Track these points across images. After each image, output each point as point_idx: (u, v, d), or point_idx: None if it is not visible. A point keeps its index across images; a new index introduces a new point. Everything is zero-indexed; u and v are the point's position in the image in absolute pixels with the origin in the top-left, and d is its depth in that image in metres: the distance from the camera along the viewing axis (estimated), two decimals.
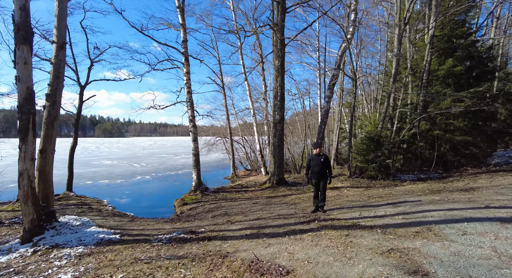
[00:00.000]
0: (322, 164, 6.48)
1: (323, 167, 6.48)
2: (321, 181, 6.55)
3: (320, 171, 6.50)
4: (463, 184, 8.99)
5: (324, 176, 6.54)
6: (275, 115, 11.80)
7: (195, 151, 11.77)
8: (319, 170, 6.50)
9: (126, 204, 12.30)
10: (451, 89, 12.76)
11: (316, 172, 6.58)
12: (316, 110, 28.48)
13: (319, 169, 6.49)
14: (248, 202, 9.45)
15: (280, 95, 11.58)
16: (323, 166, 6.49)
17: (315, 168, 6.62)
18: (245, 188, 12.52)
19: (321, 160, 6.53)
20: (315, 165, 6.63)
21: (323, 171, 6.50)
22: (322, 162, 6.49)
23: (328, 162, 6.56)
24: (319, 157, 6.58)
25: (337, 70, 11.22)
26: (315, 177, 6.65)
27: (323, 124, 11.51)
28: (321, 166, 6.48)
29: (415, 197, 7.33)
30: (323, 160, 6.50)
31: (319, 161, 6.54)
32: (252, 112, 16.56)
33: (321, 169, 6.49)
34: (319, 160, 6.53)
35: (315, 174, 6.62)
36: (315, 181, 6.68)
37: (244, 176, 18.65)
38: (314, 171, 6.65)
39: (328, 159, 6.56)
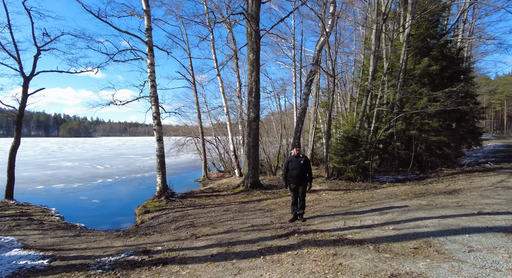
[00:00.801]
0: (302, 167, 5.69)
1: (302, 170, 5.69)
2: (300, 186, 5.75)
3: (299, 174, 5.70)
4: (444, 185, 8.64)
5: (303, 181, 5.74)
6: (249, 113, 10.91)
7: (160, 152, 10.57)
8: (298, 173, 5.70)
9: (79, 212, 10.78)
10: (426, 88, 12.62)
11: (294, 176, 5.77)
12: (291, 110, 28.04)
13: (298, 172, 5.69)
14: (219, 208, 8.46)
15: (255, 91, 10.71)
16: (303, 169, 5.70)
17: (294, 171, 5.80)
18: (217, 192, 11.50)
19: (300, 162, 5.73)
20: (294, 168, 5.82)
21: (303, 174, 5.71)
22: (302, 164, 5.70)
23: (309, 165, 5.78)
24: (298, 159, 5.78)
25: (315, 66, 10.56)
26: (293, 181, 5.85)
27: (300, 123, 10.80)
28: (301, 169, 5.69)
29: (400, 201, 6.77)
30: (303, 162, 5.70)
31: (298, 163, 5.74)
32: (226, 110, 15.55)
33: (301, 173, 5.69)
34: (299, 162, 5.73)
35: (294, 178, 5.82)
36: (294, 186, 5.88)
37: (217, 178, 17.57)
38: (292, 174, 5.83)
39: (309, 161, 5.78)
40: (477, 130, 14.25)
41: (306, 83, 10.65)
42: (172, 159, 28.85)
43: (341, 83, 20.66)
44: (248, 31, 10.76)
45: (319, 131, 20.90)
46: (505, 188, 7.45)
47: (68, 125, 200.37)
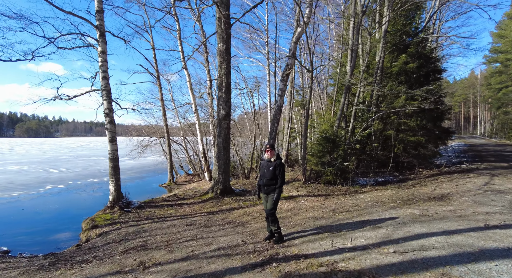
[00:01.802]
0: (271, 174, 4.63)
1: (272, 178, 4.63)
2: (270, 195, 4.69)
3: (267, 182, 4.65)
4: (429, 189, 8.03)
5: (272, 190, 4.67)
6: (219, 110, 9.69)
7: (113, 154, 9.04)
8: (266, 181, 4.66)
9: (10, 229, 8.88)
10: (404, 86, 12.19)
11: (263, 184, 4.74)
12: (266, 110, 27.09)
13: (266, 180, 4.65)
14: (182, 222, 7.17)
15: (225, 86, 9.52)
16: (272, 175, 4.63)
17: (263, 178, 4.76)
18: (182, 200, 10.14)
19: (269, 168, 4.67)
20: (263, 174, 4.77)
21: (272, 182, 4.64)
22: (271, 171, 4.62)
23: (280, 171, 4.64)
24: (269, 164, 4.72)
25: (292, 59, 9.60)
26: (262, 190, 4.79)
27: (276, 122, 9.78)
28: (270, 176, 4.63)
29: (389, 210, 5.94)
30: (272, 168, 4.62)
31: (267, 169, 4.68)
32: (194, 107, 14.16)
33: (269, 180, 4.63)
34: (268, 167, 4.68)
35: (262, 186, 4.77)
36: (263, 196, 4.82)
37: (184, 182, 16.09)
38: (261, 182, 4.80)
39: (281, 166, 4.66)
40: (451, 130, 14.16)
41: (282, 78, 9.66)
42: (138, 161, 26.80)
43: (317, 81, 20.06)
44: (217, 18, 9.54)
45: (294, 131, 20.14)
46: (494, 192, 6.93)
47: (26, 125, 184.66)
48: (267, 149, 4.78)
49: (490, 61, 40.86)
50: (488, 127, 56.03)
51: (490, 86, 42.71)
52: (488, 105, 52.37)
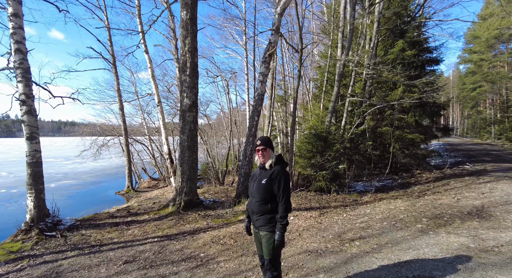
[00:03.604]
0: (264, 191, 2.56)
1: (265, 198, 2.57)
2: (261, 229, 2.64)
3: (257, 207, 2.59)
4: (451, 200, 6.33)
5: (265, 221, 2.58)
6: (183, 99, 7.48)
7: (32, 157, 6.54)
8: (255, 204, 2.61)
9: None
10: (401, 76, 10.62)
11: (251, 210, 2.69)
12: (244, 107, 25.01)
13: (256, 202, 2.61)
14: (122, 255, 4.93)
15: (190, 66, 7.31)
16: (266, 194, 2.57)
17: (250, 198, 2.72)
18: (133, 216, 7.81)
19: (261, 181, 2.60)
20: (251, 191, 2.72)
21: (265, 208, 2.58)
22: (264, 185, 2.57)
23: (282, 185, 2.53)
24: (262, 173, 2.67)
25: (275, 36, 7.58)
26: (252, 219, 2.73)
27: (256, 115, 7.75)
28: (261, 196, 2.58)
29: (420, 236, 4.09)
30: (266, 181, 2.56)
31: (258, 182, 2.62)
32: (157, 99, 11.75)
33: (260, 204, 2.57)
34: (260, 180, 2.62)
35: (251, 213, 2.71)
36: (255, 231, 2.76)
37: (147, 188, 13.61)
38: (249, 201, 2.76)
39: (284, 176, 2.55)
40: (450, 127, 12.87)
41: (264, 59, 7.62)
42: (100, 163, 23.79)
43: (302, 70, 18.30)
44: None
45: (274, 129, 18.25)
46: None
47: None
48: (258, 147, 2.71)
49: (465, 61, 41.51)
50: (460, 127, 57.69)
51: (464, 86, 43.42)
52: (460, 105, 53.78)
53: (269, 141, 2.74)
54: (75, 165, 25.33)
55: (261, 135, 7.77)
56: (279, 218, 2.49)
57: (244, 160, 7.89)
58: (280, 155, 2.76)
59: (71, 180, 17.23)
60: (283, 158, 2.75)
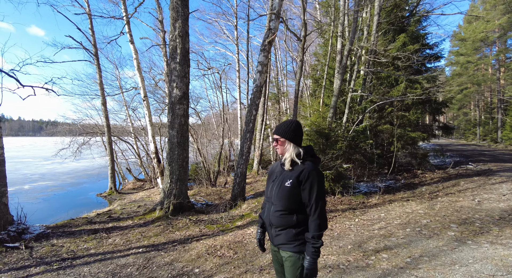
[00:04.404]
0: (289, 195, 1.78)
1: (289, 206, 1.79)
2: (285, 250, 1.87)
3: (277, 217, 1.82)
4: (470, 202, 5.79)
5: (291, 237, 1.82)
6: (172, 90, 6.66)
7: None
8: (275, 212, 1.84)
9: None
10: (405, 72, 10.15)
11: (269, 218, 1.89)
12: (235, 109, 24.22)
13: (276, 211, 1.83)
14: (100, 269, 4.10)
15: (180, 53, 6.50)
16: (291, 200, 1.79)
17: (267, 202, 1.94)
18: (115, 221, 6.90)
19: (284, 183, 1.81)
20: (268, 195, 1.92)
21: (289, 219, 1.80)
22: (288, 188, 1.78)
23: (315, 190, 1.76)
24: (284, 171, 1.88)
25: (276, 21, 6.87)
26: (269, 232, 1.93)
27: (254, 109, 7.01)
28: (284, 203, 1.80)
29: (459, 246, 3.46)
30: (292, 182, 1.77)
31: (279, 183, 1.84)
32: (143, 93, 10.82)
33: (283, 213, 1.80)
34: (282, 179, 1.84)
35: (268, 225, 1.91)
36: (273, 249, 1.97)
37: (132, 190, 12.62)
38: (264, 213, 1.98)
39: (318, 178, 1.79)
40: (451, 126, 12.52)
41: (263, 47, 6.90)
42: (82, 163, 22.45)
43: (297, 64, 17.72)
44: None
45: (268, 128, 17.58)
46: None
47: None
48: (276, 138, 1.99)
49: (452, 63, 42.16)
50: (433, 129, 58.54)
51: (451, 88, 44.07)
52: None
53: (290, 129, 1.94)
54: (54, 165, 23.82)
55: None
56: (310, 237, 1.74)
57: (240, 159, 7.14)
58: (311, 147, 2.00)
59: (48, 181, 15.96)
60: (313, 150, 2.00)
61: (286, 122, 1.99)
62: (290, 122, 1.97)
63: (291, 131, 1.93)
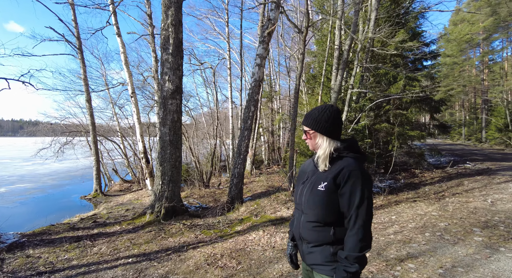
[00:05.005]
0: (324, 203, 1.33)
1: (324, 216, 1.34)
2: (320, 272, 1.37)
3: (312, 227, 1.36)
4: (482, 202, 5.52)
5: (327, 256, 1.36)
6: (164, 83, 6.12)
7: None
8: (309, 224, 1.38)
9: None
10: (404, 69, 9.94)
11: (299, 231, 1.43)
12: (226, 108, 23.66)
13: (307, 222, 1.39)
14: None
15: (173, 43, 5.98)
16: (326, 208, 1.33)
17: (297, 209, 1.47)
18: (101, 227, 6.30)
19: (317, 187, 1.35)
20: (299, 200, 1.46)
21: (325, 232, 1.35)
22: (323, 192, 1.32)
23: (354, 195, 1.31)
24: (317, 172, 1.43)
25: (276, 11, 6.45)
26: (300, 247, 1.45)
27: (253, 104, 6.56)
28: (318, 209, 1.34)
29: (493, 254, 3.11)
30: (328, 185, 1.32)
31: (311, 186, 1.38)
32: (130, 89, 10.18)
33: (317, 224, 1.35)
34: (316, 181, 1.38)
35: (299, 238, 1.44)
36: (305, 268, 1.50)
37: (118, 192, 11.92)
38: (293, 224, 1.49)
39: (358, 181, 1.33)
40: (448, 125, 12.44)
41: (263, 38, 6.46)
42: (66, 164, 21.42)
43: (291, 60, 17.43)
44: None
45: (261, 127, 17.17)
46: None
47: None
48: (305, 130, 1.56)
49: (439, 64, 42.96)
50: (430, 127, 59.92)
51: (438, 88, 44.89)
52: None
53: (323, 118, 1.48)
54: (35, 166, 22.60)
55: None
56: (343, 257, 1.30)
57: (238, 158, 6.67)
58: (353, 140, 1.56)
59: (28, 183, 14.97)
60: (357, 144, 1.56)
61: (318, 109, 1.53)
62: (323, 109, 1.52)
63: (325, 121, 1.47)
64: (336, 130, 1.50)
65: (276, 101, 18.66)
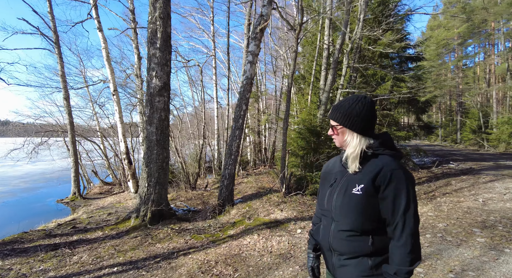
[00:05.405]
0: (360, 208, 1.13)
1: (361, 223, 1.14)
2: None
3: (346, 236, 1.16)
4: (473, 202, 5.58)
5: (365, 271, 1.16)
6: (151, 79, 5.78)
7: None
8: (343, 233, 1.17)
9: None
10: (392, 70, 10.06)
11: (329, 240, 1.21)
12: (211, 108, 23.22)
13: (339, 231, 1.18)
14: None
15: (161, 37, 5.65)
16: (363, 215, 1.13)
17: (325, 216, 1.24)
18: (81, 233, 5.84)
19: (351, 190, 1.14)
20: (327, 205, 1.23)
21: (360, 242, 1.16)
22: (359, 198, 1.13)
23: (399, 198, 1.13)
24: (346, 172, 1.23)
25: (268, 7, 6.25)
26: (329, 257, 1.23)
27: (244, 103, 6.33)
28: (354, 216, 1.13)
29: (500, 255, 3.08)
30: (363, 189, 1.13)
31: (345, 191, 1.17)
32: (112, 87, 9.66)
33: (352, 233, 1.15)
34: (347, 184, 1.18)
35: (327, 245, 1.22)
36: None
37: (98, 195, 11.29)
38: (319, 234, 1.27)
39: (402, 182, 1.15)
40: (432, 126, 12.74)
41: (255, 35, 6.25)
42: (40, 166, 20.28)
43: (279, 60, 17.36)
44: None
45: (247, 127, 16.92)
46: None
47: None
48: (333, 124, 1.34)
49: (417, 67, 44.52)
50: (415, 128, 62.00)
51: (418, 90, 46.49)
52: None
53: (354, 111, 1.28)
54: (5, 168, 21.20)
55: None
56: (392, 273, 1.12)
57: (229, 159, 6.41)
58: (387, 134, 1.37)
59: None
60: (392, 139, 1.37)
61: (348, 101, 1.32)
62: (354, 101, 1.31)
63: (355, 116, 1.27)
64: (368, 126, 1.30)
65: (263, 102, 18.51)
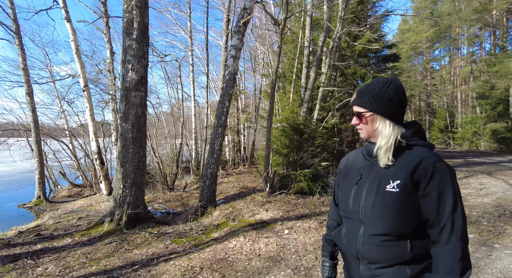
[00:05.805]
0: (398, 209, 0.92)
1: (398, 226, 0.93)
2: None
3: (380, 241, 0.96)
4: None
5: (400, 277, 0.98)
6: (127, 72, 5.36)
7: None
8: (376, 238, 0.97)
9: None
10: (371, 69, 10.24)
11: (358, 247, 1.01)
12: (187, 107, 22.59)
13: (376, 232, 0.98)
14: None
15: (138, 27, 5.25)
16: (401, 216, 0.92)
17: (349, 219, 1.06)
18: (47, 241, 5.30)
19: (388, 188, 0.93)
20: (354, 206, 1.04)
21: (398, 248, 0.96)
22: (396, 196, 0.93)
23: (446, 194, 0.97)
24: (377, 168, 1.03)
25: (252, 1, 6.04)
26: (356, 266, 1.04)
27: (227, 99, 6.08)
28: (391, 217, 0.93)
29: (493, 251, 3.08)
30: (400, 185, 0.94)
31: (377, 188, 0.97)
32: (83, 82, 8.97)
33: (389, 237, 0.94)
34: (380, 180, 0.98)
35: (353, 252, 1.02)
36: None
37: (67, 198, 10.48)
38: (344, 230, 1.07)
39: (447, 176, 0.99)
40: None
41: (238, 28, 6.01)
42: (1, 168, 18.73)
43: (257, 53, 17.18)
44: None
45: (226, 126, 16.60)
46: None
47: None
48: (358, 111, 1.15)
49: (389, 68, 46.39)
50: None
51: None
52: None
53: (385, 95, 1.09)
54: None
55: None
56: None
57: (211, 158, 6.14)
58: (418, 123, 1.20)
59: None
60: (423, 128, 1.22)
61: (378, 83, 1.14)
62: (385, 83, 1.12)
63: (388, 100, 1.10)
64: (401, 111, 1.14)
65: (241, 100, 18.27)
